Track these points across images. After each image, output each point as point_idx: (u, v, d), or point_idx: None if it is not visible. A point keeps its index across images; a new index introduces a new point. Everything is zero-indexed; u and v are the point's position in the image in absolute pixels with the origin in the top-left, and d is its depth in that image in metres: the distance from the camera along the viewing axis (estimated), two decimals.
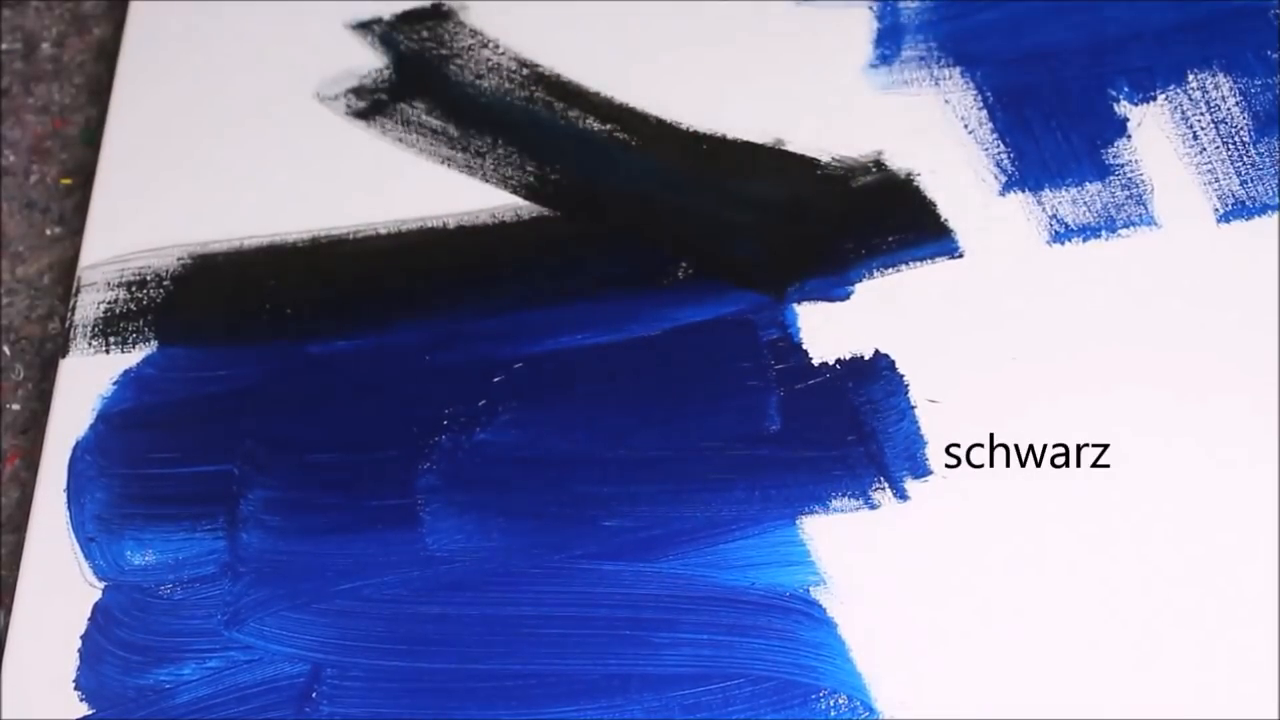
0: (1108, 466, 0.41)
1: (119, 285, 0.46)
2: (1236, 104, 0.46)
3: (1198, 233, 0.44)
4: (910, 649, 0.39)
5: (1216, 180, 0.45)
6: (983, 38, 0.48)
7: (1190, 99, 0.46)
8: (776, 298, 0.44)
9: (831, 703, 0.39)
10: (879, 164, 0.46)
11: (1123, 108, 0.46)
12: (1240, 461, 0.41)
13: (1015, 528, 0.40)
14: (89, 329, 0.46)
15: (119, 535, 0.42)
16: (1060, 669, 0.39)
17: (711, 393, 0.43)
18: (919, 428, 0.42)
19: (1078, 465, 0.41)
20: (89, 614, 0.41)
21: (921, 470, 0.41)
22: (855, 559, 0.40)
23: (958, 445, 0.42)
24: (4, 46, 0.54)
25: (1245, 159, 0.45)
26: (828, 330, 0.44)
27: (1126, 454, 0.41)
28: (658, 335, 0.44)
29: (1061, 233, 0.45)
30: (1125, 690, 0.38)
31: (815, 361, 0.43)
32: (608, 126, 0.48)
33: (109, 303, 0.46)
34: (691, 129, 0.48)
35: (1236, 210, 0.44)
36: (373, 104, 0.49)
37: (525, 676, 0.40)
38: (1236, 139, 0.45)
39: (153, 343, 0.45)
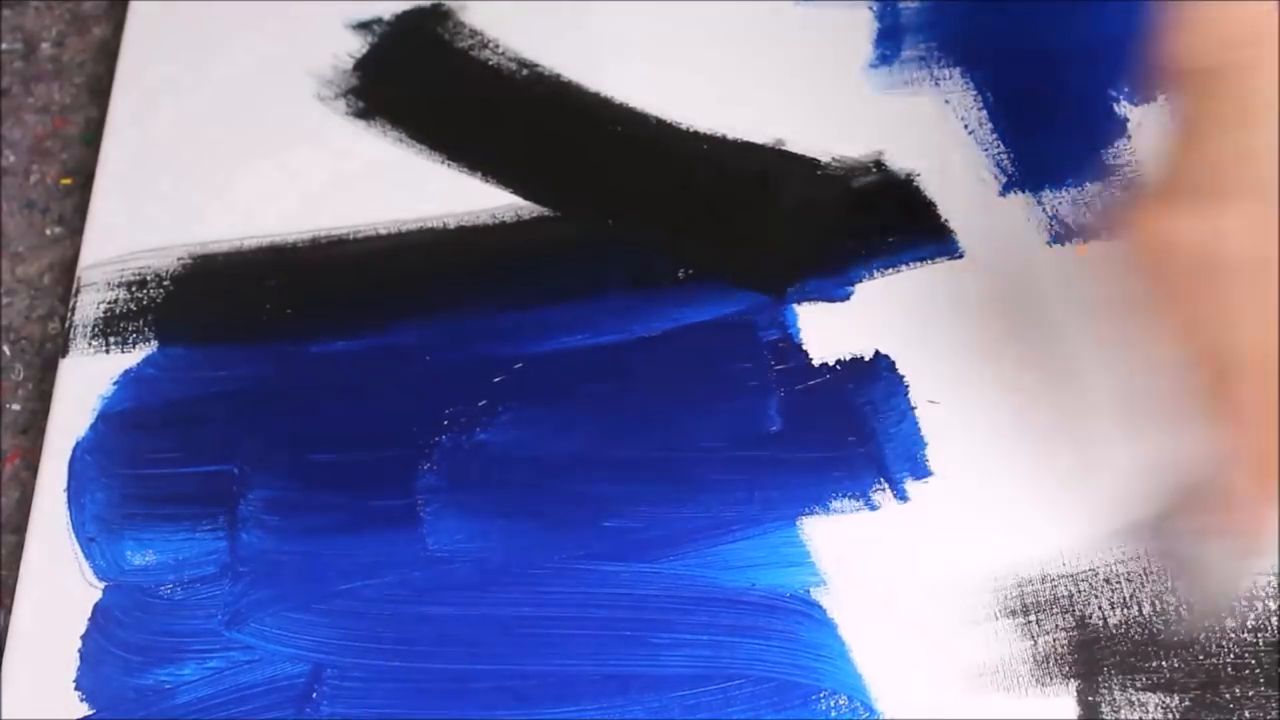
0: (1108, 466, 0.41)
1: (119, 285, 0.46)
2: None
3: None
4: (910, 649, 0.39)
5: None
6: (983, 38, 0.48)
7: None
8: (776, 298, 0.44)
9: (831, 703, 0.39)
10: (879, 164, 0.46)
11: (1123, 108, 0.46)
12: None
13: (1015, 528, 0.40)
14: (89, 329, 0.46)
15: (119, 535, 0.42)
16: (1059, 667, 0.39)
17: (712, 393, 0.43)
18: (919, 428, 0.42)
19: (1077, 467, 0.41)
20: (89, 614, 0.41)
21: (921, 470, 0.41)
22: (855, 559, 0.40)
23: (958, 445, 0.42)
24: (4, 46, 0.54)
25: None
26: (828, 330, 0.44)
27: (1126, 454, 0.41)
28: (658, 335, 0.44)
29: (1061, 233, 0.45)
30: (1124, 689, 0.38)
31: (815, 362, 0.43)
32: (608, 126, 0.48)
33: (109, 303, 0.46)
34: (691, 129, 0.48)
35: None
36: (373, 104, 0.49)
37: (525, 676, 0.40)
38: None
39: (153, 343, 0.45)
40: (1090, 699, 0.38)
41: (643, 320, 0.44)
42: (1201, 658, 0.38)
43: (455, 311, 0.45)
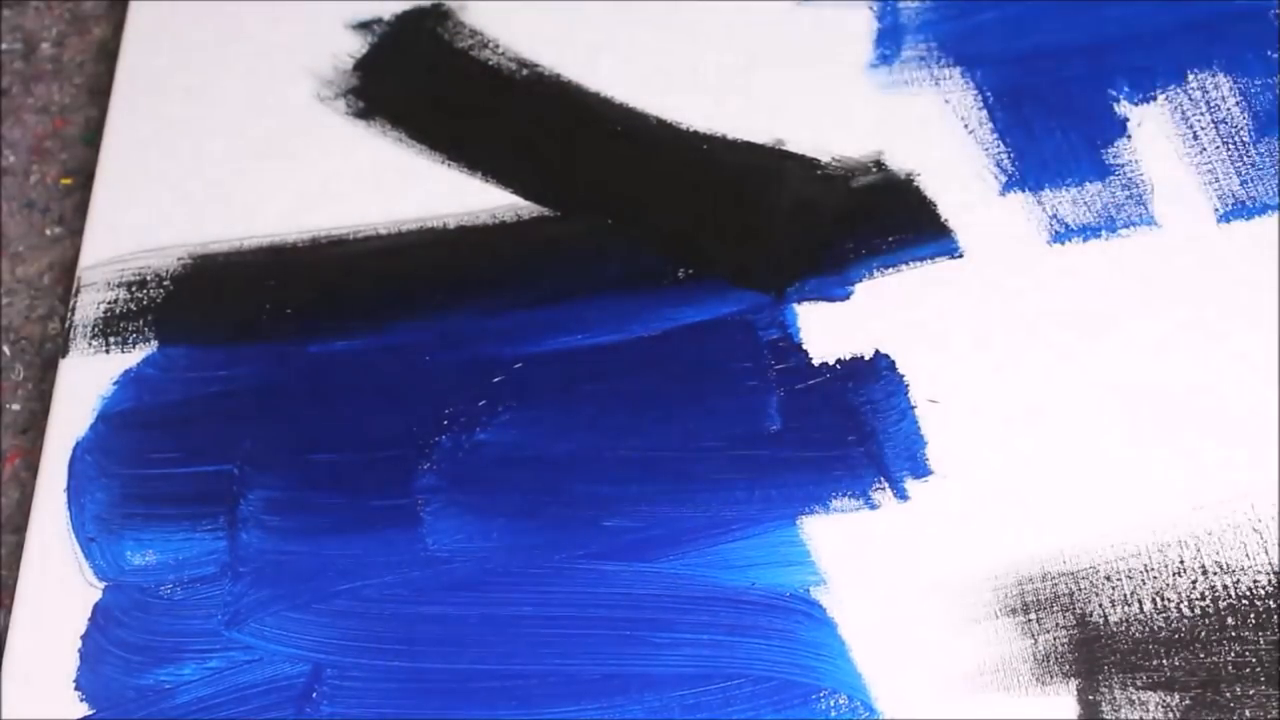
0: (1108, 464, 0.41)
1: (119, 285, 0.46)
2: (1236, 104, 0.46)
3: (1198, 233, 0.44)
4: (910, 649, 0.39)
5: (1216, 180, 0.45)
6: (983, 38, 0.48)
7: (1190, 99, 0.46)
8: (776, 298, 0.44)
9: (831, 703, 0.39)
10: (879, 164, 0.46)
11: (1123, 108, 0.46)
12: (1240, 462, 0.41)
13: (1015, 526, 0.40)
14: (89, 329, 0.46)
15: (119, 535, 0.42)
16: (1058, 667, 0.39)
17: (711, 393, 0.43)
18: (919, 428, 0.42)
19: (1077, 466, 0.41)
20: (89, 614, 0.41)
21: (921, 470, 0.41)
22: (855, 559, 0.40)
23: (958, 445, 0.42)
24: (4, 46, 0.54)
25: (1245, 159, 0.45)
26: (828, 330, 0.44)
27: (1126, 454, 0.41)
28: (658, 335, 0.44)
29: (1061, 233, 0.45)
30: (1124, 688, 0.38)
31: (815, 361, 0.43)
32: (608, 126, 0.48)
33: (109, 303, 0.46)
34: (691, 129, 0.48)
35: (1236, 210, 0.44)
36: (373, 104, 0.49)
37: (525, 676, 0.40)
38: (1236, 139, 0.45)
39: (153, 343, 0.45)
40: (1091, 698, 0.38)
41: (642, 320, 0.44)
42: (1202, 656, 0.38)
43: (455, 311, 0.45)
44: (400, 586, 0.41)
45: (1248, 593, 0.39)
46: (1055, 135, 0.46)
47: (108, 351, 0.45)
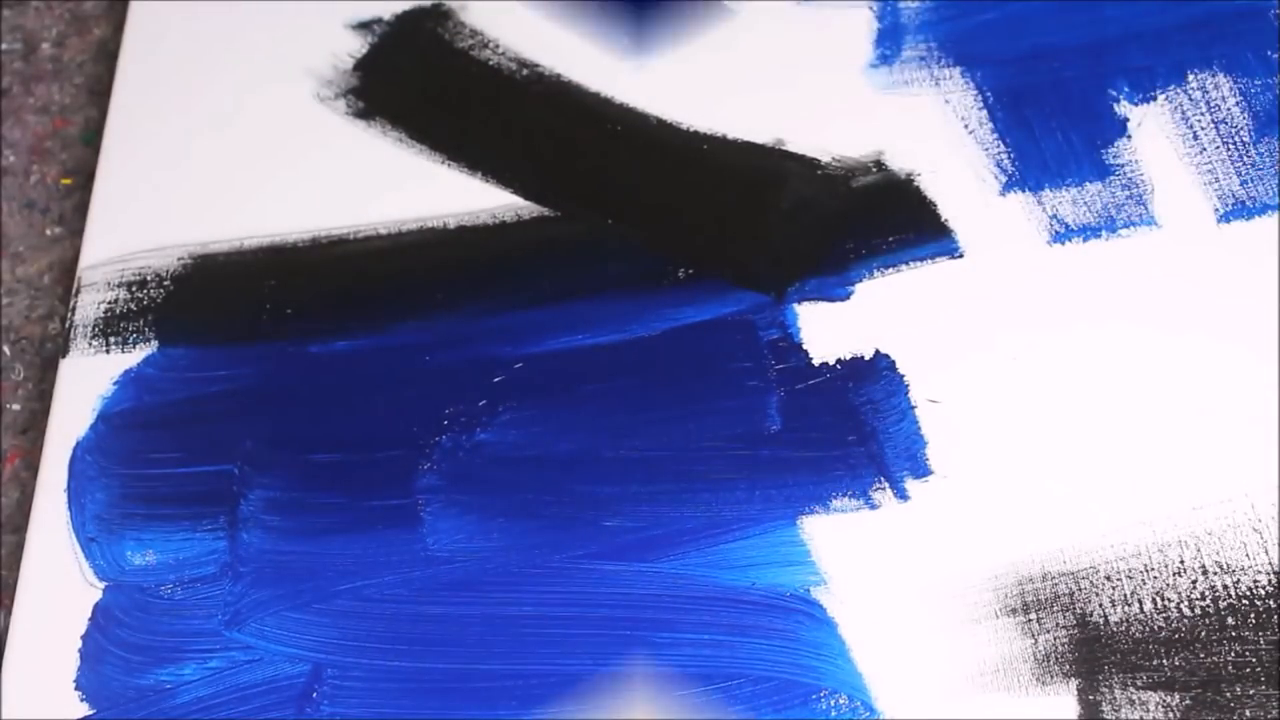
0: (1108, 463, 0.41)
1: (119, 285, 0.46)
2: (1236, 104, 0.46)
3: (1198, 233, 0.44)
4: (910, 649, 0.39)
5: (1216, 180, 0.45)
6: (983, 38, 0.48)
7: (1190, 99, 0.46)
8: (776, 298, 0.44)
9: (831, 703, 0.39)
10: (879, 164, 0.46)
11: (1123, 108, 0.46)
12: (1240, 462, 0.41)
13: (1015, 526, 0.40)
14: (89, 329, 0.46)
15: (119, 535, 0.42)
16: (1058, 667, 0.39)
17: (711, 393, 0.43)
18: (919, 428, 0.42)
19: (1078, 466, 0.41)
20: (89, 614, 0.41)
21: (921, 470, 0.41)
22: (855, 559, 0.40)
23: (958, 445, 0.42)
24: (4, 46, 0.54)
25: (1245, 159, 0.45)
26: (828, 330, 0.44)
27: (1126, 454, 0.41)
28: (658, 335, 0.44)
29: (1061, 233, 0.45)
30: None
31: (815, 361, 0.43)
32: (608, 126, 0.48)
33: (109, 303, 0.46)
34: (691, 129, 0.48)
35: (1236, 210, 0.44)
36: (373, 104, 0.49)
37: (525, 676, 0.40)
38: (1236, 139, 0.45)
39: (153, 343, 0.45)
40: (1091, 698, 0.38)
41: (643, 320, 0.44)
42: (1202, 656, 0.38)
43: (455, 311, 0.45)
44: (400, 586, 0.41)
45: (1248, 593, 0.39)
46: (1055, 135, 0.46)
47: (108, 351, 0.45)
